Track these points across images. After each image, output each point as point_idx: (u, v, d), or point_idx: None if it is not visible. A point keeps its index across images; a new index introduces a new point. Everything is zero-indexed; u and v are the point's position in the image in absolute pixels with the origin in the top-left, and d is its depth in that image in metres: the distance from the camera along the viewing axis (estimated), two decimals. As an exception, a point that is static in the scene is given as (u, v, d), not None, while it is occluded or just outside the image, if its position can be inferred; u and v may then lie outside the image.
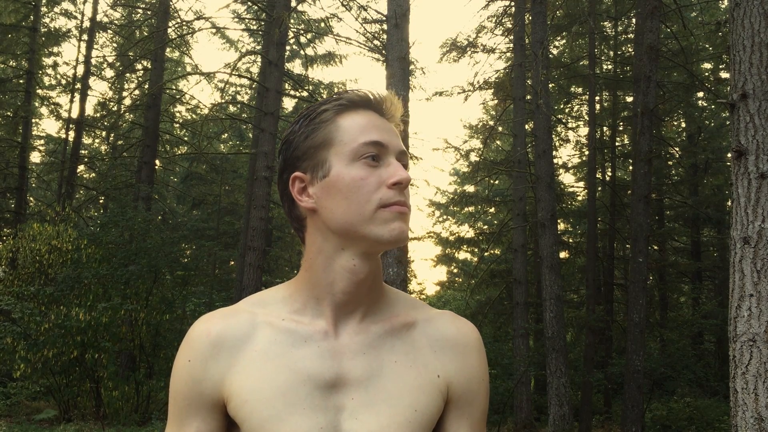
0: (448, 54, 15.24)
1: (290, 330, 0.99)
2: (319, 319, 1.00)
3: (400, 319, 1.03)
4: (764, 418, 3.59)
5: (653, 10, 10.47)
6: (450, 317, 1.07)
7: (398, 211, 0.96)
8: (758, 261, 3.76)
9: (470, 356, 1.04)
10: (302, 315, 1.00)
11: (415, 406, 0.97)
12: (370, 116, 1.01)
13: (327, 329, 0.99)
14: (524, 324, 13.30)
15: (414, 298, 1.10)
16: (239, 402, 0.95)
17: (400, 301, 1.06)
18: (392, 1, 8.11)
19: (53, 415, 10.48)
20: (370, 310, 1.02)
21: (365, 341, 1.00)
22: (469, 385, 1.03)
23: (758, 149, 3.85)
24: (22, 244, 11.98)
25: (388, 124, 1.02)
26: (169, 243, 12.26)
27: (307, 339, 0.98)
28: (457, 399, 1.02)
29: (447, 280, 27.03)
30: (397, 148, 1.00)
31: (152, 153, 15.26)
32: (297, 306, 1.01)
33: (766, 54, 3.91)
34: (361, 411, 0.95)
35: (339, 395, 0.96)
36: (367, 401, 0.96)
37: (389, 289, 1.07)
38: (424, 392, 0.98)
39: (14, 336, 10.12)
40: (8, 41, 17.36)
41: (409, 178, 0.97)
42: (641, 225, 10.41)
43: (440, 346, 1.03)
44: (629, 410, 10.02)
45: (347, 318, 1.00)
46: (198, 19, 14.97)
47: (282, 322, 0.99)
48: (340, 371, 0.97)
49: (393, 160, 0.99)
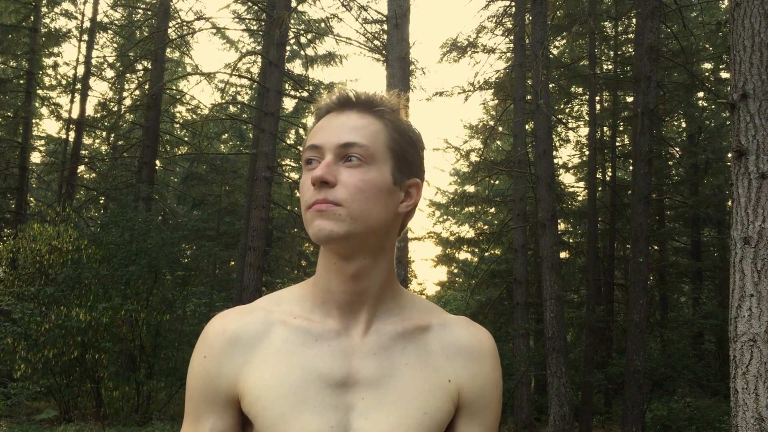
0: (448, 54, 15.25)
1: (302, 329, 1.00)
2: (328, 318, 1.01)
3: (413, 321, 1.04)
4: (765, 418, 3.59)
5: (653, 10, 10.47)
6: (465, 323, 1.07)
7: (315, 209, 0.94)
8: (759, 261, 3.75)
9: (484, 363, 1.04)
10: (314, 314, 1.01)
11: (424, 409, 0.97)
12: (324, 120, 1.00)
13: (338, 329, 1.00)
14: (524, 324, 13.30)
15: (430, 302, 1.10)
16: (252, 399, 0.96)
17: (415, 304, 1.07)
18: (392, 2, 8.12)
19: (53, 416, 10.47)
20: (379, 311, 1.02)
21: (377, 342, 1.00)
22: (482, 392, 1.03)
23: (758, 149, 3.85)
24: (23, 245, 11.99)
25: (341, 119, 0.98)
26: (170, 243, 12.26)
27: (318, 338, 0.99)
28: (469, 405, 1.02)
29: (447, 280, 27.02)
30: (333, 143, 0.95)
31: (152, 153, 15.26)
32: (309, 305, 1.02)
33: (766, 54, 3.91)
34: (371, 411, 0.96)
35: (349, 394, 0.96)
36: (377, 402, 0.96)
37: (405, 292, 1.07)
38: (434, 395, 0.99)
39: (15, 336, 10.12)
40: (8, 41, 17.36)
41: (319, 176, 0.93)
42: (641, 225, 10.41)
43: (454, 352, 1.03)
44: (629, 410, 10.02)
45: (354, 318, 1.01)
46: (198, 19, 14.97)
47: (294, 321, 1.01)
48: (351, 370, 0.97)
49: (326, 158, 0.95)
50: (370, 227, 0.96)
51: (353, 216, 0.94)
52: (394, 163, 0.99)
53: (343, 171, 0.95)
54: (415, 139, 1.04)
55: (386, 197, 0.98)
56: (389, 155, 0.98)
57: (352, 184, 0.94)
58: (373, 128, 0.97)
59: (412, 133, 1.03)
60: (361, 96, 0.99)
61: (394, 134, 0.99)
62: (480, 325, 1.08)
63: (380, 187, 0.96)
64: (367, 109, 0.99)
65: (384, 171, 0.97)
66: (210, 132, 19.06)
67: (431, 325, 1.05)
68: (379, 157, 0.97)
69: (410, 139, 1.02)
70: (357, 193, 0.94)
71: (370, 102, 0.99)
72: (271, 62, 12.84)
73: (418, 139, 1.04)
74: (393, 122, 1.00)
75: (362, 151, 0.95)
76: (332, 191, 0.94)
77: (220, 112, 16.05)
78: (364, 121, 0.97)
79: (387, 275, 1.02)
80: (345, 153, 0.95)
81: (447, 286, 26.73)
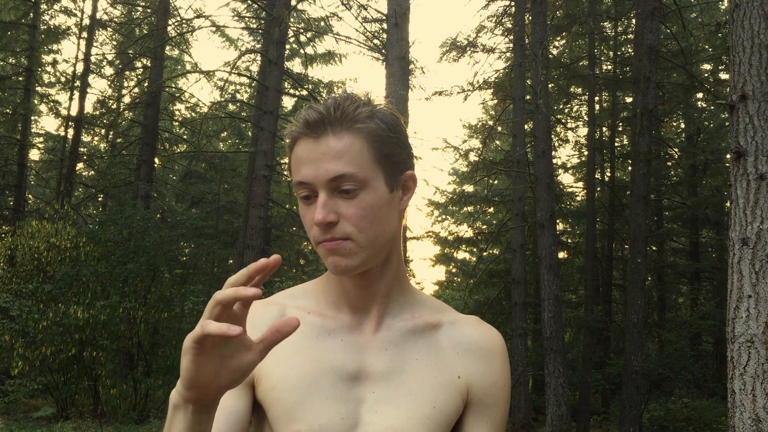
0: (447, 54, 15.25)
1: (316, 323, 1.03)
2: (341, 314, 1.04)
3: (424, 319, 1.06)
4: (762, 419, 3.60)
5: (653, 10, 10.47)
6: (475, 322, 1.09)
7: (325, 248, 0.95)
8: (756, 262, 3.76)
9: (493, 361, 1.06)
10: (327, 310, 1.04)
11: (434, 404, 0.99)
12: (302, 147, 0.96)
13: (350, 324, 1.03)
14: (522, 324, 13.31)
15: (440, 301, 1.12)
16: (268, 387, 0.98)
17: (425, 303, 1.09)
18: (392, 1, 8.11)
19: (51, 413, 10.48)
20: (389, 308, 1.04)
21: (388, 338, 1.03)
22: (490, 389, 1.04)
23: (757, 150, 3.85)
24: (21, 242, 11.98)
25: (320, 148, 0.94)
26: (168, 241, 12.25)
27: (331, 332, 1.02)
28: (477, 402, 1.04)
29: (446, 279, 27.02)
30: (323, 179, 0.93)
31: (151, 151, 15.25)
32: (322, 302, 1.05)
33: (765, 55, 3.91)
34: (381, 404, 0.98)
35: (360, 388, 0.99)
36: (387, 395, 0.99)
37: (415, 290, 1.09)
38: (444, 391, 1.01)
39: (12, 333, 10.12)
40: (8, 38, 17.33)
41: (320, 220, 0.92)
42: (640, 225, 10.41)
43: (464, 349, 1.05)
44: (627, 411, 10.03)
45: (366, 314, 1.04)
46: (198, 17, 14.98)
47: (309, 316, 1.03)
48: (363, 365, 1.00)
49: (320, 197, 0.94)
50: (381, 244, 0.98)
51: (363, 245, 0.95)
52: (385, 172, 0.97)
53: (341, 203, 0.94)
54: (397, 130, 0.99)
55: (387, 210, 0.98)
56: (379, 169, 0.96)
57: (353, 214, 0.94)
58: (354, 148, 0.94)
59: (392, 128, 0.98)
60: (331, 112, 0.94)
61: (376, 143, 0.96)
62: (490, 325, 1.10)
63: (380, 205, 0.96)
64: (340, 126, 0.94)
65: (378, 187, 0.96)
66: (209, 130, 19.04)
67: (442, 322, 1.07)
68: (371, 176, 0.95)
69: (393, 137, 0.98)
70: (360, 222, 0.94)
71: (342, 116, 0.94)
72: (271, 60, 12.83)
73: (399, 129, 1.00)
74: (371, 130, 0.95)
75: (353, 179, 0.93)
76: (337, 228, 0.94)
77: (220, 110, 16.03)
78: (343, 143, 0.93)
79: (396, 272, 1.05)
80: (337, 186, 0.94)
81: (445, 285, 26.72)
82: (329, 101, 0.96)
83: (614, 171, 17.82)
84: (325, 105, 0.95)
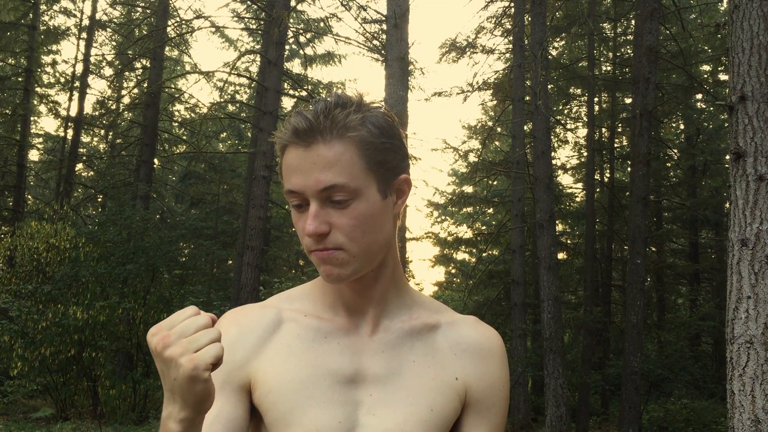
0: (447, 54, 15.24)
1: (313, 326, 1.02)
2: (338, 317, 1.03)
3: (421, 320, 1.05)
4: (761, 420, 3.60)
5: (652, 11, 10.47)
6: (473, 322, 1.08)
7: (318, 257, 0.95)
8: (756, 263, 3.76)
9: (492, 362, 1.05)
10: (324, 312, 1.03)
11: (431, 406, 0.98)
12: (292, 154, 0.93)
13: (347, 327, 1.02)
14: (522, 325, 13.31)
15: (438, 302, 1.11)
16: (264, 391, 0.97)
17: (423, 304, 1.08)
18: (392, 1, 8.12)
19: (50, 414, 10.47)
20: (386, 310, 1.04)
21: (385, 340, 1.02)
22: (489, 390, 1.04)
23: (756, 151, 3.85)
24: (20, 242, 11.97)
25: (310, 157, 0.91)
26: (167, 242, 12.25)
27: (328, 335, 1.01)
28: (476, 403, 1.03)
29: (445, 280, 27.02)
30: (314, 189, 0.91)
31: (151, 152, 15.25)
32: (319, 304, 1.04)
33: (765, 56, 3.91)
34: (379, 407, 0.97)
35: (358, 391, 0.98)
36: (384, 398, 0.98)
37: (413, 292, 1.09)
38: (441, 393, 1.00)
39: (11, 334, 10.11)
40: (7, 39, 17.34)
41: (312, 232, 0.91)
42: (639, 226, 10.41)
43: (462, 350, 1.04)
44: (626, 411, 10.03)
45: (363, 317, 1.03)
46: (197, 18, 14.95)
47: (305, 319, 1.03)
48: (360, 367, 0.99)
49: (311, 207, 0.93)
50: (374, 252, 0.97)
51: (355, 255, 0.94)
52: (378, 179, 0.95)
53: (333, 213, 0.93)
54: (390, 135, 0.96)
55: (380, 217, 0.96)
56: (371, 177, 0.94)
57: (345, 224, 0.93)
58: (346, 157, 0.91)
59: (385, 133, 0.95)
60: (321, 119, 0.91)
61: (368, 151, 0.93)
62: (488, 326, 1.09)
63: (372, 213, 0.94)
64: (330, 135, 0.91)
65: (371, 195, 0.94)
66: (208, 131, 19.04)
67: (440, 323, 1.06)
68: (363, 185, 0.93)
69: (385, 143, 0.95)
70: (353, 232, 0.93)
71: (332, 124, 0.92)
72: (270, 61, 12.83)
73: (392, 133, 0.97)
74: (362, 138, 0.92)
75: (345, 190, 0.91)
76: (329, 238, 0.93)
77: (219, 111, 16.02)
78: (334, 152, 0.91)
79: (392, 274, 1.04)
80: (328, 196, 0.92)
81: (445, 286, 26.72)
82: (319, 105, 0.93)
83: (614, 172, 17.82)
84: (314, 111, 0.92)
